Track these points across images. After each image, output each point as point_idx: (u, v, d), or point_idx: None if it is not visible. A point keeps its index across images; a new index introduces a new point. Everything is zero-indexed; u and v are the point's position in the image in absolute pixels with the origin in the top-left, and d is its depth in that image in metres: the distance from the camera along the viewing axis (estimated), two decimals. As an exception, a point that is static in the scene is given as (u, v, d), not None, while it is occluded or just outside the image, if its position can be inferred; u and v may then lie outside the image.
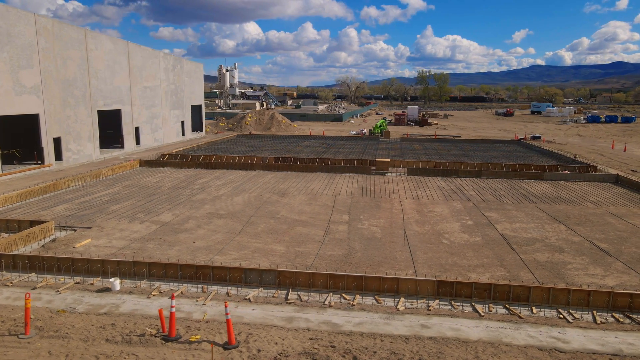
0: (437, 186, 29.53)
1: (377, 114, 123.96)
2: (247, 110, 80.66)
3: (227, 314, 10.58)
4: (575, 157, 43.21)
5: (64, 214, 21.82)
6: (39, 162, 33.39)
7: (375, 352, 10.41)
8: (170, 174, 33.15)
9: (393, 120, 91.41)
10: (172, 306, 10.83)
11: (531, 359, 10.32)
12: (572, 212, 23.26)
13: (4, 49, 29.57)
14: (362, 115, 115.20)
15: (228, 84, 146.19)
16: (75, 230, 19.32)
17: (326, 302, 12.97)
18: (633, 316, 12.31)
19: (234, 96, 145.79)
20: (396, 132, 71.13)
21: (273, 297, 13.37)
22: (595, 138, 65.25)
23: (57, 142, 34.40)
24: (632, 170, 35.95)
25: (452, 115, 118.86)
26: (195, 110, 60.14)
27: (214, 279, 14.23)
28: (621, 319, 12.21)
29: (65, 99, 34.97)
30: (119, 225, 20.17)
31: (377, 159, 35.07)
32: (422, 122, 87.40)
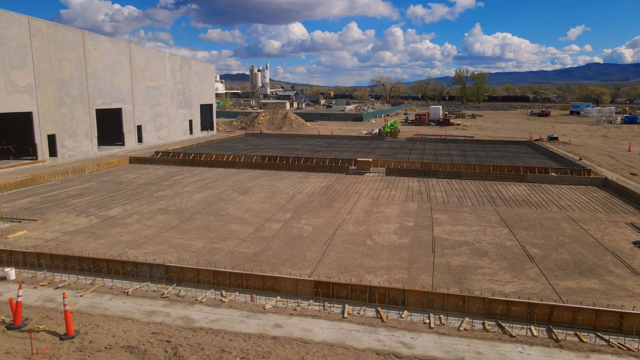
0: (407, 187, 28.90)
1: (405, 114, 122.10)
2: (261, 109, 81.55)
3: (65, 305, 10.88)
4: (580, 159, 41.15)
5: (22, 207, 22.93)
6: (33, 157, 35.17)
7: (202, 349, 10.42)
8: (153, 170, 34.10)
9: (414, 120, 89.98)
10: (18, 295, 11.24)
11: (358, 363, 10.05)
12: (528, 216, 22.22)
13: (-4, 51, 31.36)
14: (387, 115, 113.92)
15: (259, 84, 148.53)
16: (20, 222, 20.29)
17: (199, 298, 13.06)
18: (504, 325, 11.70)
19: (265, 96, 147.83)
20: (410, 132, 70.03)
21: (154, 291, 13.60)
22: (621, 140, 61.67)
23: (51, 139, 36.09)
24: (631, 174, 33.84)
25: (480, 116, 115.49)
26: (206, 109, 61.41)
27: (108, 272, 14.61)
28: (489, 327, 11.64)
29: (61, 98, 36.62)
30: (64, 218, 20.99)
31: (358, 159, 34.70)
32: (444, 122, 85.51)
